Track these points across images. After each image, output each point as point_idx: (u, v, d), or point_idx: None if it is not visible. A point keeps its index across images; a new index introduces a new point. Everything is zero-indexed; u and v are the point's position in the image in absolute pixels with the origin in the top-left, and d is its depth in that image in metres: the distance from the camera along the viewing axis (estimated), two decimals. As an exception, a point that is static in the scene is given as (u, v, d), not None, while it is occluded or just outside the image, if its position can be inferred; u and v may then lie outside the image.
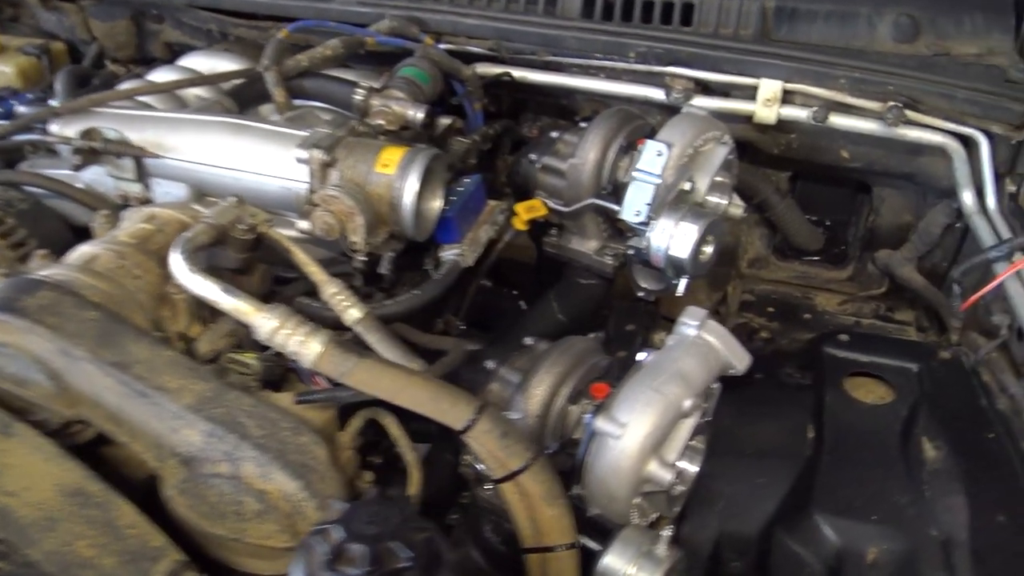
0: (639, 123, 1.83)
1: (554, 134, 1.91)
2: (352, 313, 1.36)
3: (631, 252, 1.70)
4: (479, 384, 1.62)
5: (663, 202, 1.62)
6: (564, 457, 1.40)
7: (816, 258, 2.33)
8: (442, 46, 2.02)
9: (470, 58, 2.06)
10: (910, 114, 1.77)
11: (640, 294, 1.83)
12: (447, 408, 1.27)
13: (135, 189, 1.59)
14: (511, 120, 2.20)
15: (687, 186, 1.65)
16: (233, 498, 1.18)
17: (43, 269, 1.31)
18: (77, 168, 1.54)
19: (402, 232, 1.49)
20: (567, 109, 2.12)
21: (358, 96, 1.76)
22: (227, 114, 1.56)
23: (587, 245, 1.85)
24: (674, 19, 1.94)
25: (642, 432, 1.29)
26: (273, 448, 1.19)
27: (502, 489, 1.31)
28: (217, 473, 1.19)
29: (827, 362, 1.80)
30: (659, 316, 2.00)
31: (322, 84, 1.80)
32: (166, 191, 1.58)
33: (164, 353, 1.23)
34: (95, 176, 1.62)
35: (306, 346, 1.22)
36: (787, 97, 1.88)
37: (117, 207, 1.55)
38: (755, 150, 2.05)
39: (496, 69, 2.03)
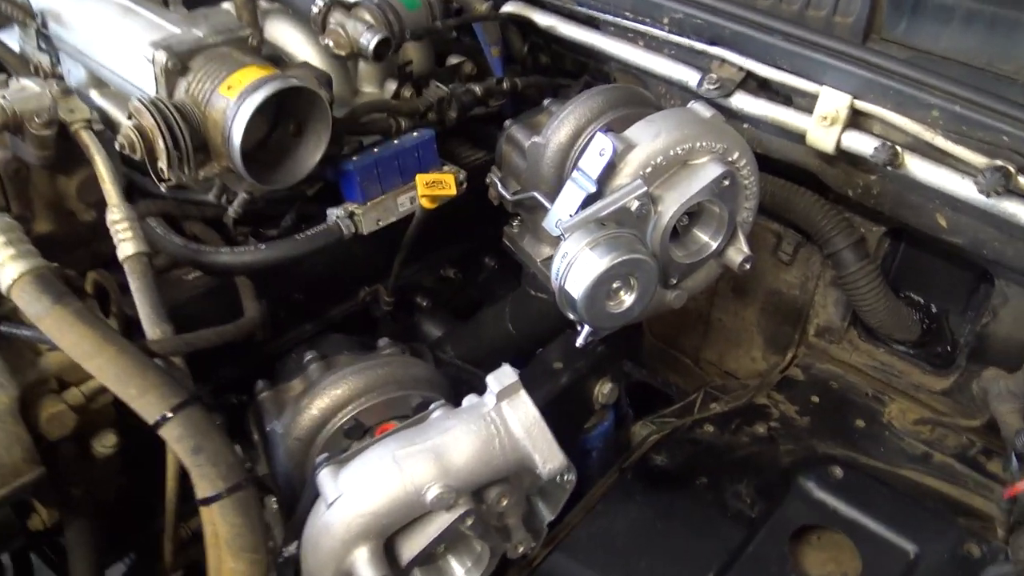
0: (640, 110, 1.38)
1: (545, 102, 1.52)
2: (124, 248, 1.14)
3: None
4: (290, 375, 1.34)
5: (589, 217, 1.19)
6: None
7: (910, 351, 1.71)
8: (466, -29, 1.67)
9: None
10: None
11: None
12: (135, 394, 1.02)
13: (44, 60, 1.46)
14: (550, 77, 1.80)
15: (634, 205, 1.21)
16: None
17: None
18: (-24, 23, 1.45)
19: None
20: (610, 79, 1.68)
21: (315, 7, 1.49)
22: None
23: (538, 249, 1.45)
24: (754, -16, 1.43)
25: (356, 508, 0.95)
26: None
27: (201, 513, 1.04)
28: None
29: (794, 498, 1.29)
30: (618, 361, 1.55)
31: (286, -14, 1.55)
32: (68, 69, 1.44)
33: None
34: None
35: (3, 269, 1.02)
36: (858, 120, 1.32)
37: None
38: (825, 188, 1.50)
39: (525, 10, 1.65)
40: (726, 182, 1.26)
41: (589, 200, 1.23)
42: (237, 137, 1.17)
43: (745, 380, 1.90)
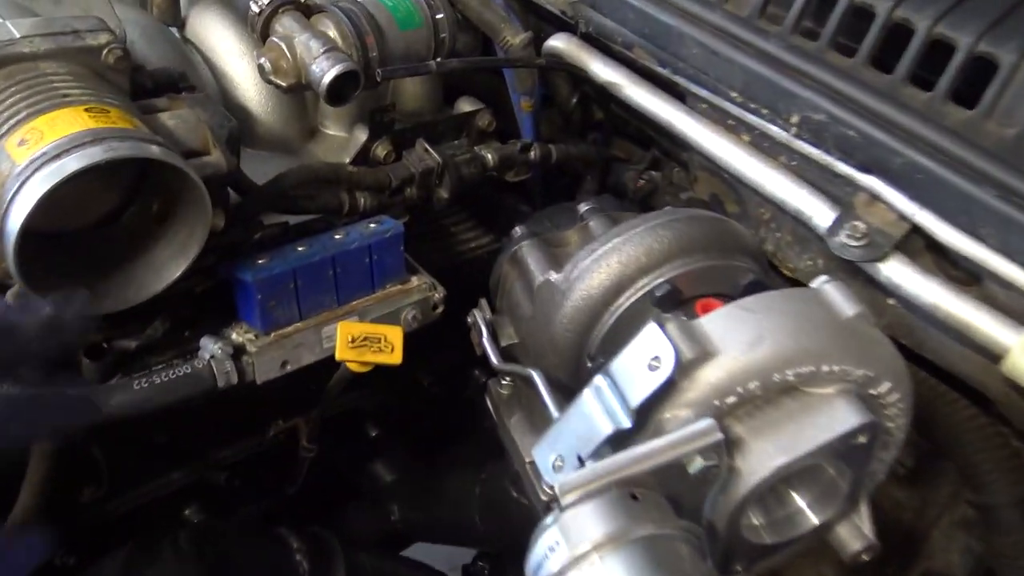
0: (730, 263, 0.84)
1: (582, 207, 0.98)
2: None
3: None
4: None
5: (608, 476, 0.66)
6: None
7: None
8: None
9: (544, 18, 1.15)
10: None
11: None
12: None
13: None
14: (598, 147, 1.26)
15: (696, 464, 0.67)
16: None
17: None
18: None
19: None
20: (688, 171, 1.13)
21: (254, 8, 0.97)
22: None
23: (530, 443, 0.92)
24: (941, 84, 0.85)
25: None
26: None
27: None
28: None
29: None
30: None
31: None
32: None
33: None
34: None
35: None
36: (1106, 356, 0.76)
37: None
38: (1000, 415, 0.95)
39: (579, 53, 1.10)
40: (861, 439, 0.72)
41: (619, 438, 0.70)
42: (13, 232, 0.66)
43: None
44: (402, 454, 1.29)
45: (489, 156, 1.10)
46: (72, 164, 0.66)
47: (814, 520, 0.78)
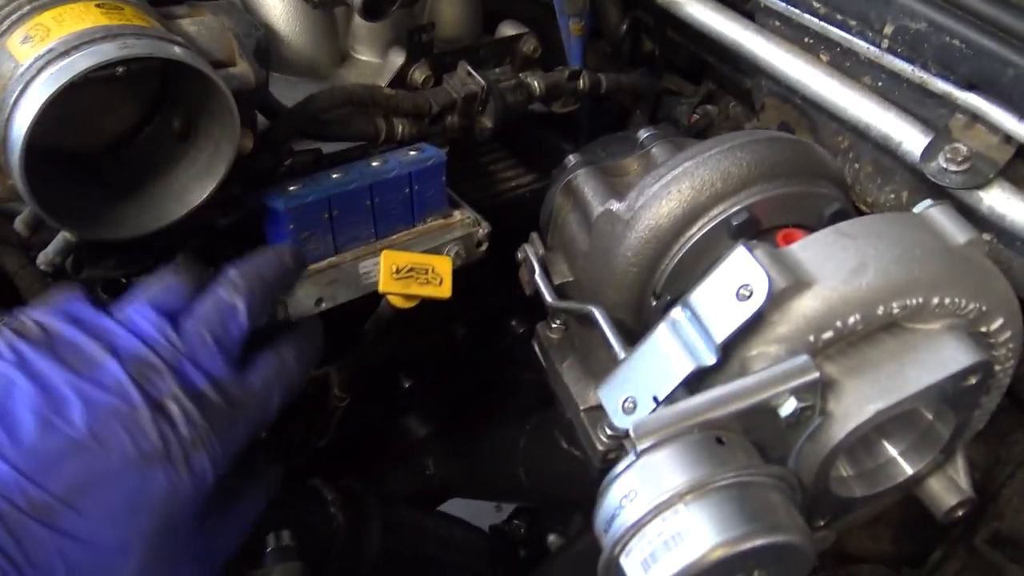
0: (812, 189, 0.76)
1: (642, 133, 0.89)
2: None
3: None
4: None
5: (691, 419, 0.58)
6: None
7: None
8: None
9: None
10: None
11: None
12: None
13: None
14: (652, 79, 1.17)
15: (788, 406, 0.59)
16: None
17: None
18: None
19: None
20: (750, 99, 1.04)
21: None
22: None
23: (585, 389, 0.84)
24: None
25: None
26: None
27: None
28: None
29: None
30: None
31: None
32: None
33: None
34: None
35: None
36: None
37: None
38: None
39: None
40: (972, 380, 0.63)
41: (700, 376, 0.62)
42: (17, 140, 0.58)
43: (858, 570, 1.28)
44: (436, 407, 1.22)
45: (535, 83, 1.01)
46: (82, 62, 0.58)
47: (908, 471, 0.71)
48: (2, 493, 0.49)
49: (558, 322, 0.88)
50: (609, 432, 0.78)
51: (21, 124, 0.57)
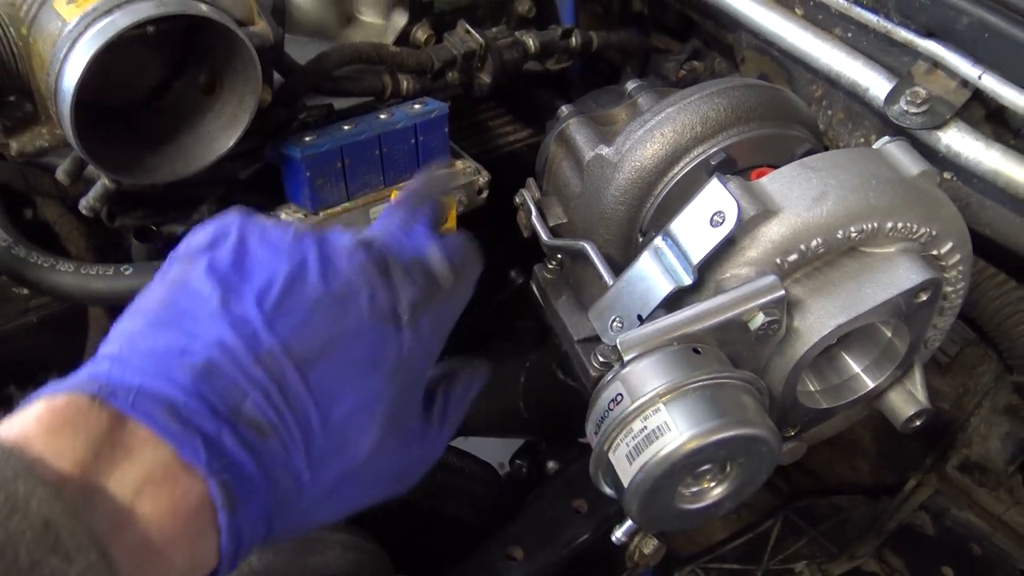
0: (784, 131, 0.83)
1: (630, 85, 0.96)
2: None
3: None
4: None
5: (670, 333, 0.66)
6: None
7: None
8: None
9: None
10: None
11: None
12: None
13: None
14: (642, 36, 1.23)
15: (757, 319, 0.67)
16: None
17: None
18: None
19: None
20: (732, 55, 1.11)
21: None
22: None
23: (579, 321, 0.92)
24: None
25: None
26: None
27: None
28: None
29: None
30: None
31: None
32: None
33: None
34: None
35: None
36: None
37: None
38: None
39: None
40: (924, 296, 0.71)
41: (678, 296, 0.70)
42: (68, 92, 0.65)
43: (833, 500, 1.37)
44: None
45: (530, 41, 1.08)
46: (123, 19, 0.65)
47: (869, 384, 0.79)
48: (262, 339, 0.49)
49: (554, 263, 0.96)
50: (601, 359, 0.85)
51: (71, 77, 0.64)
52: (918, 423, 0.81)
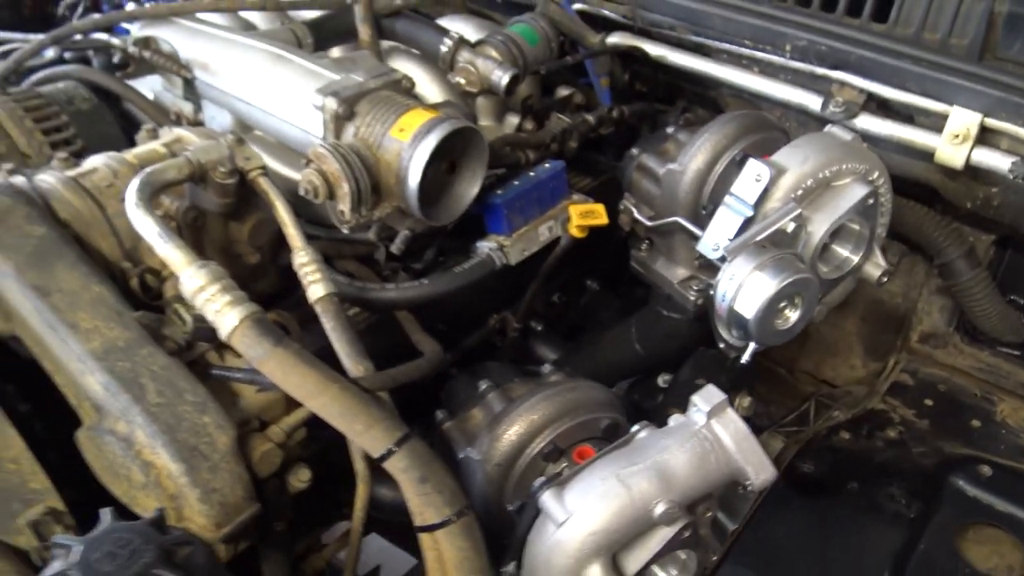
0: (769, 135, 1.44)
1: (669, 129, 1.58)
2: (315, 290, 1.18)
3: (712, 293, 1.35)
4: (465, 403, 1.38)
5: (750, 240, 1.25)
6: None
7: (1016, 352, 1.77)
8: (575, 6, 1.73)
9: (605, 24, 1.75)
10: None
11: (721, 345, 1.46)
12: (361, 430, 1.06)
13: (186, 108, 1.51)
14: (651, 105, 1.87)
15: (790, 227, 1.26)
16: (123, 461, 1.07)
17: (40, 173, 1.26)
18: (126, 75, 1.49)
19: (409, 210, 1.27)
20: (716, 104, 1.75)
21: (444, 47, 1.55)
22: (271, 42, 1.42)
23: (673, 272, 1.51)
24: (865, 10, 1.49)
25: (587, 527, 1.00)
26: (164, 420, 1.06)
27: (420, 540, 1.09)
28: (114, 430, 1.08)
29: (948, 497, 1.34)
30: (754, 374, 1.61)
31: (413, 28, 1.60)
32: (212, 115, 1.49)
33: (94, 288, 1.13)
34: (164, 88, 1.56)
35: (222, 316, 1.06)
36: (985, 137, 1.38)
37: (170, 123, 1.48)
38: (941, 200, 1.57)
39: (636, 41, 1.71)
40: (870, 201, 1.32)
41: (745, 224, 1.29)
42: (415, 179, 1.22)
43: (845, 387, 1.95)
44: (558, 339, 1.85)
45: (591, 118, 1.69)
46: (435, 136, 1.22)
47: (854, 260, 1.38)
48: None
49: (645, 244, 1.55)
50: (696, 289, 1.44)
51: (416, 171, 1.21)
52: (885, 280, 1.41)
